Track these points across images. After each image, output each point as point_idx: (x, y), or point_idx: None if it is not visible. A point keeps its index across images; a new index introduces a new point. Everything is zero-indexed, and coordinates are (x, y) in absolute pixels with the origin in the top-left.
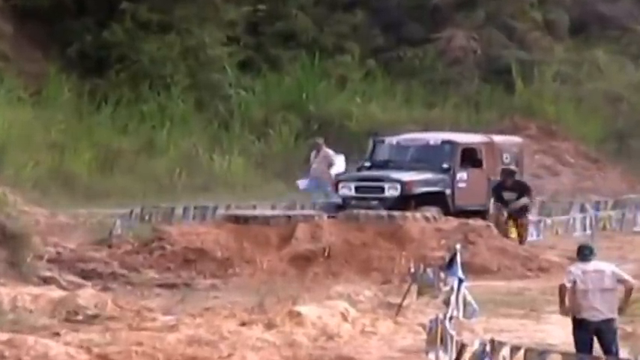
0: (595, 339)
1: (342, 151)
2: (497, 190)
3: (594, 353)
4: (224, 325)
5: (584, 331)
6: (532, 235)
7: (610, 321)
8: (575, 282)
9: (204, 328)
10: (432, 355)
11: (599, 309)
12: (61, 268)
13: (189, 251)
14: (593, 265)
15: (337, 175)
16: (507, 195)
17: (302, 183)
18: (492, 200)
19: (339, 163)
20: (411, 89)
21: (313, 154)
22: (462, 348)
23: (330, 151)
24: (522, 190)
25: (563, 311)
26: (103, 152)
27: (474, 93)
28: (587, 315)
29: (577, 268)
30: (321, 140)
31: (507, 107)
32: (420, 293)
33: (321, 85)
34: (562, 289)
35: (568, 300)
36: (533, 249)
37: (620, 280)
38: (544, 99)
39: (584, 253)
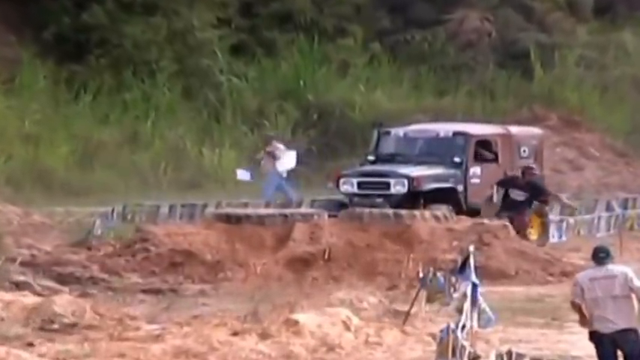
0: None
1: (346, 142)
2: (505, 185)
3: None
4: (214, 334)
5: (600, 344)
6: (554, 237)
7: (627, 332)
8: (582, 291)
9: (192, 338)
10: None
11: (611, 319)
12: (36, 272)
13: (176, 253)
14: (604, 270)
15: (288, 170)
16: (515, 194)
17: (241, 173)
18: (495, 191)
19: (289, 159)
20: (419, 76)
21: (267, 148)
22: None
23: (280, 146)
24: (534, 193)
25: (584, 323)
26: (82, 145)
27: (488, 80)
28: (599, 326)
29: (584, 276)
30: (273, 133)
31: (525, 95)
32: (429, 300)
33: (320, 72)
34: (574, 306)
35: (586, 311)
36: (554, 251)
37: (632, 288)
38: (566, 86)
39: (599, 255)
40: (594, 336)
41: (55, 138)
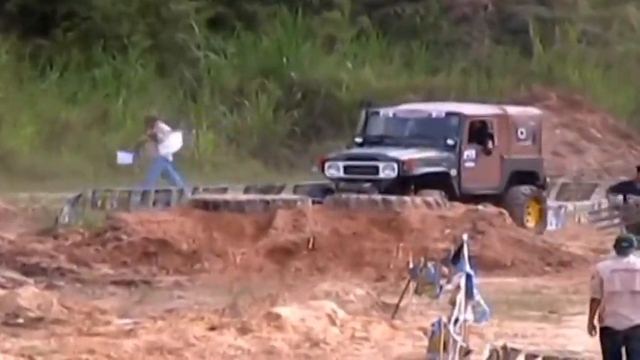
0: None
1: (332, 124)
2: (619, 190)
3: None
4: (190, 329)
5: (610, 341)
6: (551, 224)
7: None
8: (602, 284)
9: (166, 333)
10: None
11: (626, 314)
12: None
13: (150, 243)
14: (626, 262)
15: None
16: (635, 199)
17: (122, 156)
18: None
19: (174, 141)
20: (410, 52)
21: (149, 130)
22: (467, 355)
23: (165, 127)
24: None
25: (592, 328)
26: (48, 126)
27: (484, 56)
28: (611, 322)
29: (605, 267)
30: (155, 113)
31: (524, 73)
32: (419, 292)
33: (304, 47)
34: (593, 304)
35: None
36: (552, 240)
37: None
38: (567, 63)
39: (621, 245)
40: (606, 333)
41: (19, 118)
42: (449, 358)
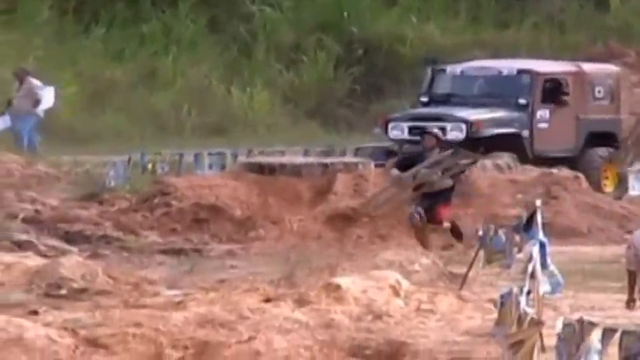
0: None
1: (395, 82)
2: None
3: None
4: (244, 301)
5: None
6: (634, 189)
7: None
8: (637, 254)
9: (218, 305)
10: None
11: None
12: (40, 230)
13: (201, 209)
14: None
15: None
16: None
17: None
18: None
19: (48, 98)
20: (478, 5)
21: (16, 85)
22: (536, 326)
23: (36, 82)
24: None
25: (631, 307)
26: (92, 85)
27: (557, 10)
28: None
29: (639, 236)
30: (27, 67)
31: (600, 28)
32: (489, 261)
33: (365, 0)
34: (630, 277)
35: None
36: (632, 206)
37: None
38: None
39: None
40: None
41: (61, 77)
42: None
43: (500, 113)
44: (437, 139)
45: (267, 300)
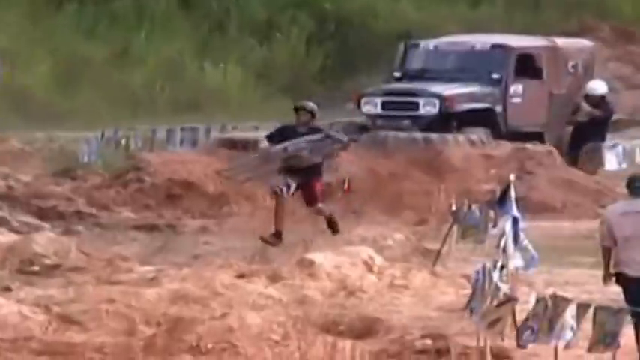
0: None
1: (368, 57)
2: None
3: None
4: (217, 277)
5: (627, 288)
6: (610, 164)
7: None
8: (611, 229)
9: (191, 281)
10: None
11: None
12: (13, 206)
13: (174, 185)
14: (638, 204)
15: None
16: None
17: None
18: None
19: None
20: None
21: None
22: (509, 303)
23: None
24: None
25: (607, 280)
26: (65, 62)
27: None
28: (625, 269)
29: (613, 210)
30: None
31: (573, 4)
32: (463, 237)
33: None
34: (603, 252)
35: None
36: (606, 181)
37: None
38: None
39: (634, 185)
40: (620, 278)
41: (34, 54)
42: (492, 307)
43: (473, 88)
44: (312, 115)
45: (241, 276)
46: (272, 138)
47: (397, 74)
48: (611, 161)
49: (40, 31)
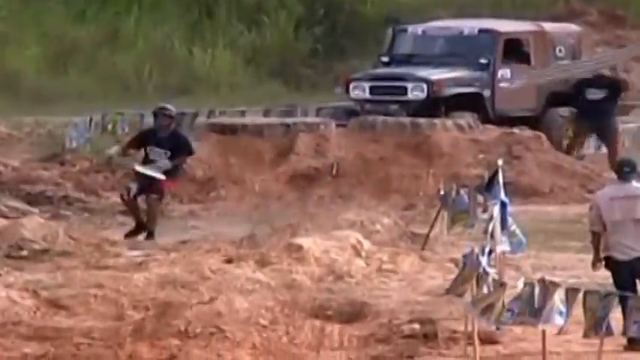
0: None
1: (356, 41)
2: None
3: None
4: (205, 262)
5: (617, 272)
6: (589, 147)
7: None
8: (600, 214)
9: (180, 265)
10: (467, 298)
11: (630, 245)
12: (1, 190)
13: None
14: (627, 188)
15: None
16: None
17: None
18: None
19: None
20: None
21: None
22: (500, 288)
23: None
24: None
25: (596, 265)
26: (54, 45)
27: None
28: (615, 253)
29: (603, 195)
30: None
31: None
32: (451, 221)
33: None
34: (593, 237)
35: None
36: (594, 165)
37: None
38: None
39: (623, 170)
40: (610, 262)
41: (24, 38)
42: (481, 292)
43: (461, 73)
44: (170, 118)
45: (229, 260)
46: (132, 143)
47: (385, 59)
48: (591, 145)
49: (29, 15)
